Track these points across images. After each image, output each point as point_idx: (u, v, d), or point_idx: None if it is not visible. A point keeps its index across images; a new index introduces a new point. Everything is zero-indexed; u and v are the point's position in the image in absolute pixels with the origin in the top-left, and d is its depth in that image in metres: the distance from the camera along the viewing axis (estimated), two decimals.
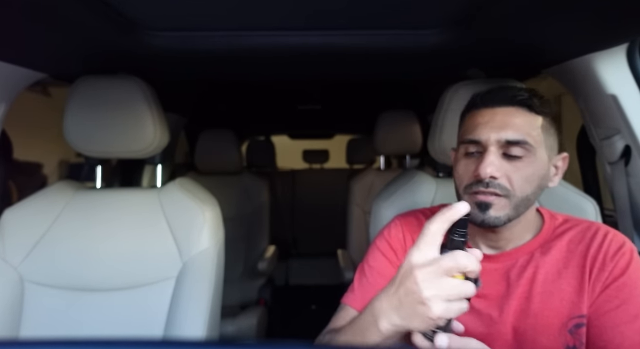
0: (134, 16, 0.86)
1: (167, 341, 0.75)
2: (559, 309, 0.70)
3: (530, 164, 0.69)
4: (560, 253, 0.74)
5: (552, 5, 0.75)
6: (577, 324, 0.69)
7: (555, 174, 0.74)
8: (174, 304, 1.03)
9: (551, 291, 0.71)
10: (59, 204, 1.09)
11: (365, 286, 0.81)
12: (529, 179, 0.69)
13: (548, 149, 0.71)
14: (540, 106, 0.71)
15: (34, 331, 1.01)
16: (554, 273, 0.72)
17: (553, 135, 0.73)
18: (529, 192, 0.69)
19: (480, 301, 0.74)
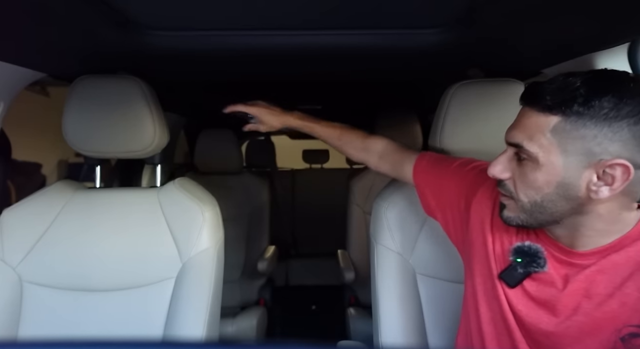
0: (133, 15, 0.86)
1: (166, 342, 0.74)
2: (616, 312, 0.63)
3: (535, 170, 0.63)
4: (638, 254, 0.64)
5: (553, 5, 0.74)
6: (632, 333, 0.62)
7: (603, 183, 0.60)
8: (174, 305, 1.03)
9: (612, 292, 0.64)
10: (58, 205, 1.09)
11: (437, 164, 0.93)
12: (533, 185, 0.64)
13: (567, 152, 0.60)
14: (562, 102, 0.59)
15: (32, 331, 1.01)
16: (624, 274, 0.63)
17: (585, 138, 0.58)
18: (537, 198, 0.64)
19: (534, 284, 0.71)
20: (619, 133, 0.57)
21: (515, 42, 0.99)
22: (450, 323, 1.02)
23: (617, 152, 0.57)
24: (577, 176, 0.60)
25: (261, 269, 1.91)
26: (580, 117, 0.58)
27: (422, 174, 0.95)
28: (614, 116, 0.56)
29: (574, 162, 0.60)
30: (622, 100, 0.56)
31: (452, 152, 1.06)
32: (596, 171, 0.59)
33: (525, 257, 0.71)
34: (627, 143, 0.57)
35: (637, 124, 0.56)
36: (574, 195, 0.62)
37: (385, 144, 1.04)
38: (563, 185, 0.62)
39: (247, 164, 2.85)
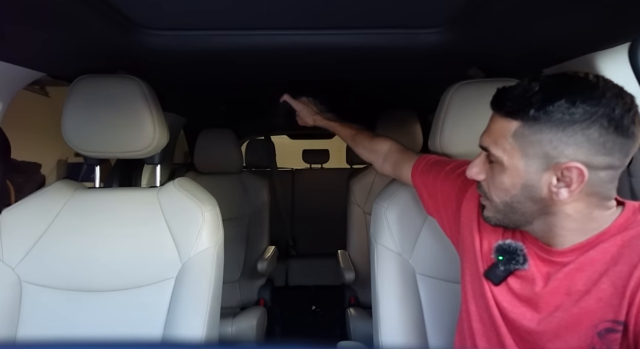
0: (133, 15, 0.86)
1: (166, 342, 0.74)
2: (592, 308, 0.63)
3: (502, 172, 0.66)
4: (616, 248, 0.64)
5: (553, 5, 0.74)
6: (608, 328, 0.62)
7: (562, 185, 0.62)
8: (173, 305, 1.03)
9: (589, 288, 0.64)
10: (57, 205, 1.09)
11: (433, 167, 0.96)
12: (501, 187, 0.67)
13: (527, 155, 0.62)
14: (521, 107, 0.61)
15: (32, 332, 1.01)
16: (600, 270, 0.64)
17: (543, 142, 0.60)
18: (507, 199, 0.67)
19: (517, 281, 0.72)
20: (573, 137, 0.58)
21: (515, 42, 0.98)
22: (450, 323, 1.01)
23: (572, 156, 0.59)
24: (538, 179, 0.63)
25: (261, 270, 1.91)
26: (537, 122, 0.60)
27: (419, 176, 0.99)
28: (567, 120, 0.58)
29: (534, 166, 0.62)
30: (574, 104, 0.58)
31: (452, 152, 1.06)
32: (555, 174, 0.61)
33: (505, 255, 0.73)
34: (581, 146, 0.58)
35: (589, 127, 0.58)
36: (538, 196, 0.64)
37: (389, 146, 1.08)
38: (527, 187, 0.64)
39: (247, 164, 2.85)
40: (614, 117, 0.58)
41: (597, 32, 0.87)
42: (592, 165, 0.59)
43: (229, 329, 1.69)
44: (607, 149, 0.59)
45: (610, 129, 0.58)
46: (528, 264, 0.71)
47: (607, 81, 0.62)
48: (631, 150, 0.61)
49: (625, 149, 0.60)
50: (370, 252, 1.12)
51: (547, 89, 0.60)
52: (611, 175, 0.62)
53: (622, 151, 0.60)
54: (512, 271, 0.73)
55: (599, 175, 0.60)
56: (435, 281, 1.06)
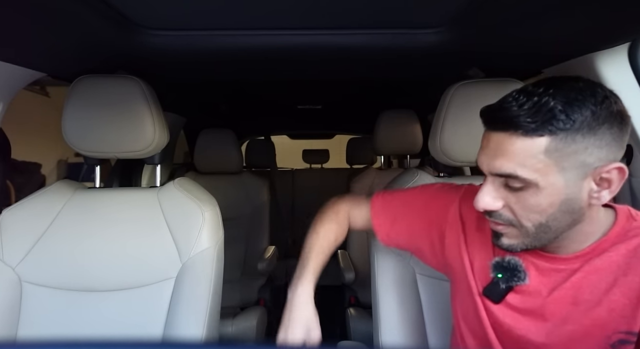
0: (133, 15, 0.86)
1: (166, 342, 0.74)
2: (605, 320, 0.63)
3: (535, 194, 0.61)
4: (622, 258, 0.64)
5: (553, 5, 0.74)
6: (622, 340, 0.62)
7: (603, 189, 0.60)
8: (173, 305, 1.03)
9: (600, 299, 0.64)
10: (57, 204, 1.09)
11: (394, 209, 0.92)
12: (536, 209, 0.62)
13: (563, 169, 0.59)
14: (545, 123, 0.57)
15: (32, 331, 1.01)
16: (608, 280, 0.64)
17: (578, 152, 0.58)
18: (542, 220, 0.62)
19: (517, 296, 0.71)
20: (603, 139, 0.58)
21: (515, 42, 0.98)
22: (449, 323, 1.01)
23: (607, 157, 0.59)
24: (579, 189, 0.60)
25: (261, 269, 1.91)
26: (569, 133, 0.57)
27: (381, 216, 0.93)
28: (596, 124, 0.57)
29: (573, 177, 0.59)
30: (597, 107, 0.57)
31: (452, 152, 1.05)
32: (594, 179, 0.60)
33: (505, 272, 0.72)
34: (611, 146, 0.58)
35: (612, 126, 0.58)
36: (577, 207, 0.61)
37: (345, 209, 0.99)
38: (566, 201, 0.61)
39: (247, 164, 2.85)
40: (619, 111, 0.59)
41: (597, 32, 0.87)
42: (619, 161, 0.59)
43: (229, 329, 1.69)
44: (623, 142, 0.60)
45: (620, 124, 0.59)
46: (528, 278, 0.70)
47: (591, 80, 0.62)
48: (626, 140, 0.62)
49: (626, 141, 0.61)
50: (370, 252, 1.12)
51: (564, 98, 0.58)
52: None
53: (626, 140, 0.61)
54: (512, 288, 0.72)
55: None
56: (435, 281, 1.06)
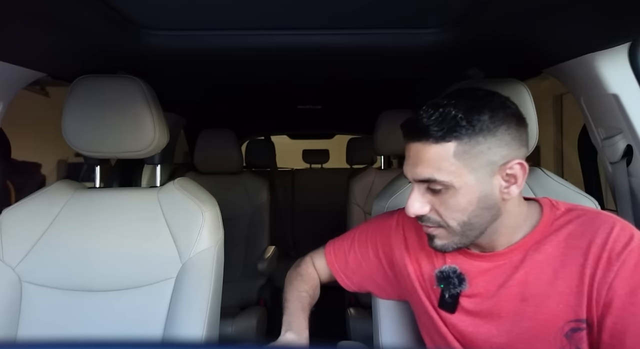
0: (133, 15, 0.86)
1: (166, 342, 0.74)
2: (555, 312, 0.66)
3: (454, 195, 0.67)
4: (557, 249, 0.68)
5: (553, 5, 0.74)
6: (573, 328, 0.65)
7: (510, 184, 0.67)
8: (174, 305, 1.03)
9: (547, 292, 0.67)
10: (57, 204, 1.09)
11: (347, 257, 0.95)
12: (458, 208, 0.68)
13: (473, 169, 0.65)
14: (450, 129, 0.64)
15: (32, 331, 1.01)
16: (549, 272, 0.68)
17: (483, 153, 0.65)
18: (464, 218, 0.68)
19: (471, 300, 0.74)
20: (503, 139, 0.65)
21: (515, 42, 0.98)
22: None
23: (509, 155, 0.66)
24: (490, 186, 0.67)
25: (261, 269, 1.91)
26: (471, 136, 0.65)
27: (336, 262, 0.97)
28: (494, 126, 0.65)
29: (483, 176, 0.66)
30: (494, 112, 0.65)
31: None
32: (501, 176, 0.67)
33: (444, 281, 0.76)
34: (511, 145, 0.66)
35: (510, 127, 0.66)
36: (493, 203, 0.68)
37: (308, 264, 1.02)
38: (482, 198, 0.67)
39: (247, 164, 2.85)
40: (515, 113, 0.68)
41: (597, 32, 0.87)
42: (522, 158, 0.67)
43: (229, 329, 1.69)
44: (523, 140, 0.68)
45: (517, 124, 0.67)
46: (467, 282, 0.74)
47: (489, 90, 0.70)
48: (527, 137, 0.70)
49: (526, 138, 0.69)
50: None
51: (465, 106, 0.65)
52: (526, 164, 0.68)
53: (526, 140, 0.69)
54: (459, 295, 0.75)
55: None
56: None
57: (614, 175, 1.07)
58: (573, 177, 1.43)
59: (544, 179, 1.08)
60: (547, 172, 1.10)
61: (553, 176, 1.08)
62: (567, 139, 3.01)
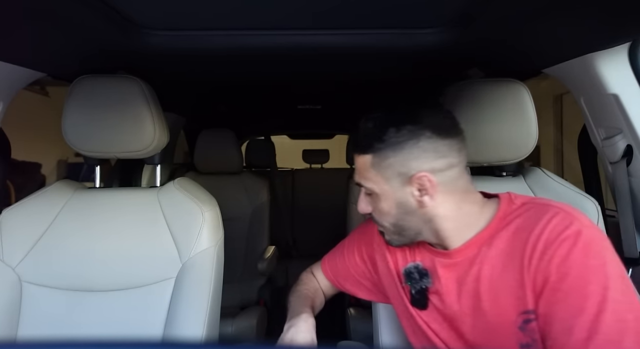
0: (133, 15, 0.86)
1: (166, 342, 0.74)
2: (506, 306, 0.67)
3: (378, 200, 0.75)
4: (505, 243, 0.69)
5: (553, 5, 0.74)
6: (525, 320, 0.66)
7: (422, 195, 0.72)
8: (174, 305, 1.03)
9: (498, 287, 0.68)
10: (57, 205, 1.09)
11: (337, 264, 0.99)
12: (383, 212, 0.76)
13: (388, 179, 0.73)
14: (367, 144, 0.73)
15: (32, 331, 1.01)
16: (500, 266, 0.69)
17: (392, 164, 0.71)
18: (392, 221, 0.76)
19: (437, 298, 0.77)
20: (411, 153, 0.70)
21: (515, 42, 0.98)
22: None
23: (417, 167, 0.70)
24: (404, 194, 0.73)
25: (261, 269, 1.91)
26: (382, 150, 0.72)
27: (330, 270, 1.02)
28: (400, 141, 0.70)
29: (396, 185, 0.73)
30: (399, 128, 0.71)
31: None
32: (413, 185, 0.72)
33: (411, 279, 0.80)
34: (419, 158, 0.70)
35: (419, 141, 0.70)
36: (412, 209, 0.73)
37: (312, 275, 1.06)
38: (400, 204, 0.74)
39: (247, 164, 2.85)
40: (435, 126, 0.70)
41: (597, 32, 0.87)
42: (436, 169, 0.70)
43: (229, 329, 1.69)
44: (440, 152, 0.70)
45: (435, 136, 0.70)
46: (430, 278, 0.77)
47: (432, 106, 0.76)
48: (460, 146, 0.72)
49: (455, 147, 0.72)
50: None
51: (379, 123, 0.73)
52: (456, 172, 0.72)
53: (453, 150, 0.71)
54: (425, 290, 0.78)
55: (446, 175, 0.71)
56: None
57: (614, 175, 1.07)
58: (573, 177, 1.43)
59: (544, 179, 1.08)
60: (547, 172, 1.10)
61: (553, 176, 1.08)
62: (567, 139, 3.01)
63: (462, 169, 0.73)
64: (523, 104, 1.05)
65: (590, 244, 0.63)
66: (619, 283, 0.60)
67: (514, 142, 1.05)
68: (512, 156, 1.07)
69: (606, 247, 0.63)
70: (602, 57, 0.96)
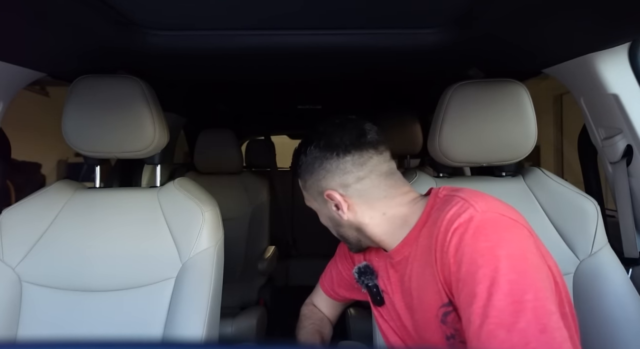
0: (133, 15, 0.86)
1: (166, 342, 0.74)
2: (429, 301, 0.69)
3: (319, 214, 0.86)
4: (425, 240, 0.70)
5: (553, 5, 0.74)
6: (444, 312, 0.67)
7: (338, 209, 0.78)
8: (174, 305, 1.03)
9: (422, 283, 0.70)
10: (57, 204, 1.09)
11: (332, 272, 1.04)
12: (326, 224, 0.86)
13: (315, 198, 0.82)
14: (294, 170, 0.84)
15: (32, 331, 1.01)
16: (422, 263, 0.70)
17: (311, 186, 0.80)
18: (334, 232, 0.86)
19: (387, 297, 0.81)
20: (319, 174, 0.77)
21: (515, 42, 0.98)
22: None
23: (328, 186, 0.77)
24: (328, 210, 0.80)
25: (261, 269, 1.91)
26: (301, 175, 0.82)
27: (327, 284, 1.08)
28: (309, 167, 0.79)
29: (320, 202, 0.81)
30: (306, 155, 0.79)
31: (450, 152, 1.05)
32: (331, 202, 0.78)
33: (358, 277, 0.86)
34: (327, 177, 0.77)
35: (322, 163, 0.77)
36: (339, 221, 0.80)
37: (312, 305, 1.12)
38: (330, 218, 0.82)
39: (247, 164, 2.85)
40: (335, 145, 0.76)
41: (597, 32, 0.87)
42: (345, 184, 0.76)
43: (229, 329, 1.69)
44: (343, 169, 0.75)
45: (335, 156, 0.75)
46: (374, 276, 0.84)
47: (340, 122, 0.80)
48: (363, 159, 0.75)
49: (359, 161, 0.75)
50: None
51: (297, 150, 0.82)
52: (367, 183, 0.75)
53: (357, 164, 0.75)
54: (375, 287, 0.83)
55: (357, 188, 0.76)
56: None
57: (614, 175, 1.07)
58: (573, 177, 1.43)
59: (543, 180, 1.08)
60: (546, 172, 1.10)
61: (553, 176, 1.08)
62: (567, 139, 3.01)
63: (376, 178, 0.76)
64: (522, 105, 1.05)
65: (480, 228, 0.61)
66: (513, 262, 0.58)
67: (513, 142, 1.05)
68: (511, 156, 1.07)
69: (501, 229, 0.62)
70: (602, 57, 0.96)
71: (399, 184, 0.78)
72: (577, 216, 1.00)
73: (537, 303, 0.55)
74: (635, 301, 0.93)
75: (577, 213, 1.00)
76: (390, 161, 0.79)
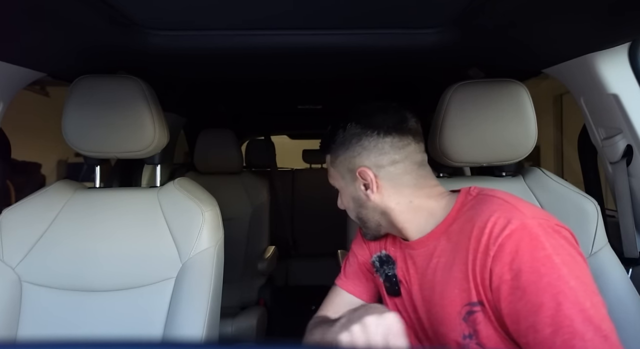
0: (133, 15, 0.86)
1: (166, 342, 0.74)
2: (453, 297, 0.69)
3: (341, 195, 0.85)
4: (457, 235, 0.71)
5: (553, 5, 0.74)
6: (469, 311, 0.67)
7: (367, 188, 0.77)
8: (174, 305, 1.03)
9: (447, 279, 0.70)
10: (57, 204, 1.09)
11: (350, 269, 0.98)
12: (346, 206, 0.85)
13: (343, 176, 0.81)
14: (326, 145, 0.82)
15: (32, 331, 1.01)
16: (451, 258, 0.71)
17: (343, 162, 0.80)
18: (354, 214, 0.84)
19: (405, 287, 0.80)
20: (354, 150, 0.77)
21: (515, 42, 0.98)
22: None
23: (360, 163, 0.77)
24: (355, 189, 0.80)
25: (261, 269, 1.91)
26: (334, 150, 0.81)
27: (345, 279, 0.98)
28: (346, 141, 0.78)
29: (348, 181, 0.80)
30: (345, 130, 0.78)
31: (451, 152, 1.05)
32: (359, 180, 0.78)
33: (376, 266, 0.85)
34: (362, 154, 0.76)
35: (361, 140, 0.76)
36: (364, 202, 0.80)
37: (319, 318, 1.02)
38: (354, 199, 0.81)
39: (247, 164, 2.85)
40: (377, 124, 0.76)
41: (597, 32, 0.87)
42: (379, 164, 0.76)
43: (229, 329, 1.69)
44: (382, 149, 0.75)
45: (376, 135, 0.75)
46: (394, 265, 0.82)
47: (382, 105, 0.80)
48: (405, 143, 0.76)
49: (398, 145, 0.76)
50: None
51: (333, 125, 0.81)
52: (400, 167, 0.76)
53: (395, 147, 0.76)
54: (393, 277, 0.81)
55: (389, 170, 0.76)
56: None
57: (614, 175, 1.07)
58: (573, 177, 1.43)
59: (543, 180, 1.08)
60: (546, 172, 1.10)
61: (553, 176, 1.08)
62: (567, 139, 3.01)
63: (409, 165, 0.76)
64: (522, 105, 1.05)
65: (536, 235, 0.62)
66: (570, 268, 0.60)
67: (513, 142, 1.05)
68: (511, 156, 1.07)
69: (553, 235, 0.63)
70: (602, 57, 0.96)
71: (429, 177, 0.79)
72: (577, 216, 1.00)
73: (595, 310, 0.58)
74: (635, 301, 0.93)
75: (577, 213, 1.00)
76: (424, 153, 0.80)
